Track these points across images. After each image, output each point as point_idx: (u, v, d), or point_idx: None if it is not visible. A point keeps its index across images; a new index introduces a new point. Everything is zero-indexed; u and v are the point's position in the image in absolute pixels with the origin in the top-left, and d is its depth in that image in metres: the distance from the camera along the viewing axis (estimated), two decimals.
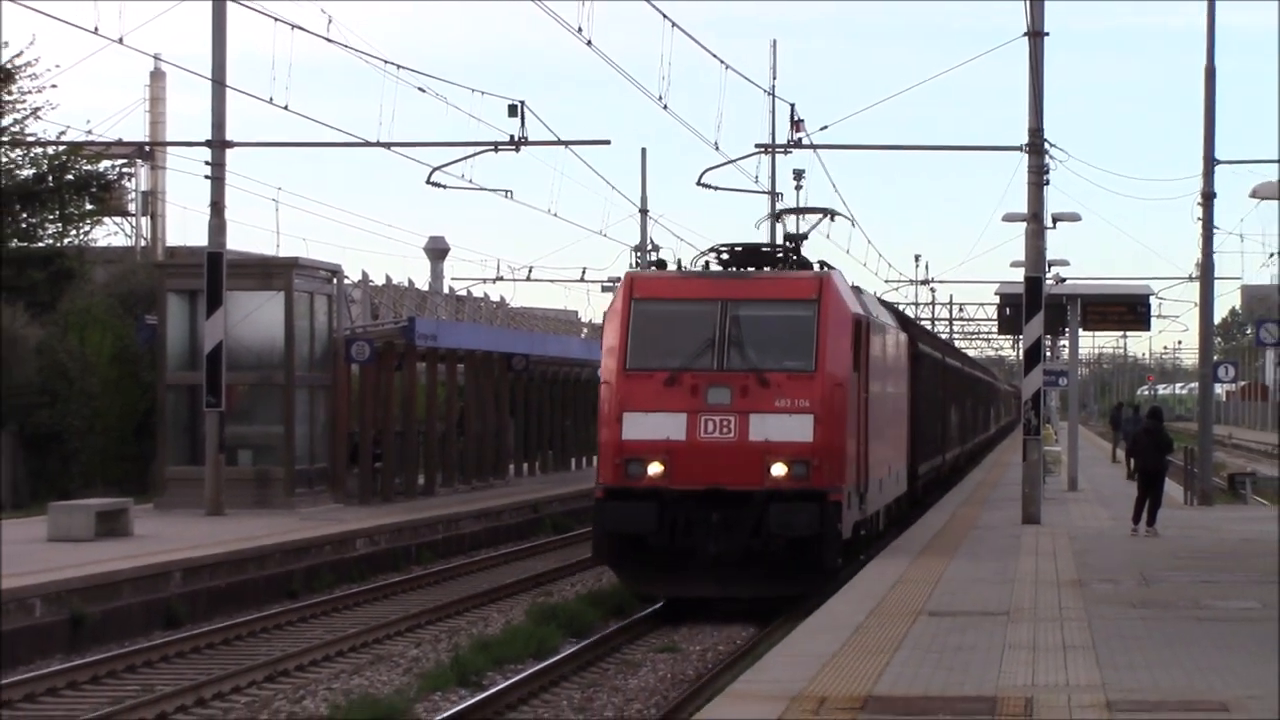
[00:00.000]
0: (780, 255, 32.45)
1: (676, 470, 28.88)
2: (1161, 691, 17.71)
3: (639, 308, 29.81)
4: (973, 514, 45.31)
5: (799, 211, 35.38)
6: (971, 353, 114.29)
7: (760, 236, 44.33)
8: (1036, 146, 41.31)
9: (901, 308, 71.77)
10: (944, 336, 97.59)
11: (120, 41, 37.01)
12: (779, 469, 28.69)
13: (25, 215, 61.73)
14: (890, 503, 39.31)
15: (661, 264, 31.72)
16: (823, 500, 28.69)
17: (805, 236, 34.78)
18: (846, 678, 18.46)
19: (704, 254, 32.34)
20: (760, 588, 29.35)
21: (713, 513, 28.61)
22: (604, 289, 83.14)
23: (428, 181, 42.98)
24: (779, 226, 34.47)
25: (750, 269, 31.62)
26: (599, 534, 29.86)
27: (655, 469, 28.91)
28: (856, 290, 34.86)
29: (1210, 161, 52.49)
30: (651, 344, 29.64)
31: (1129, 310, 61.58)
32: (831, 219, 37.90)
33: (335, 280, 47.45)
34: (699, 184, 36.45)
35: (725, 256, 31.61)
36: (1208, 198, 53.25)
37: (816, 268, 32.46)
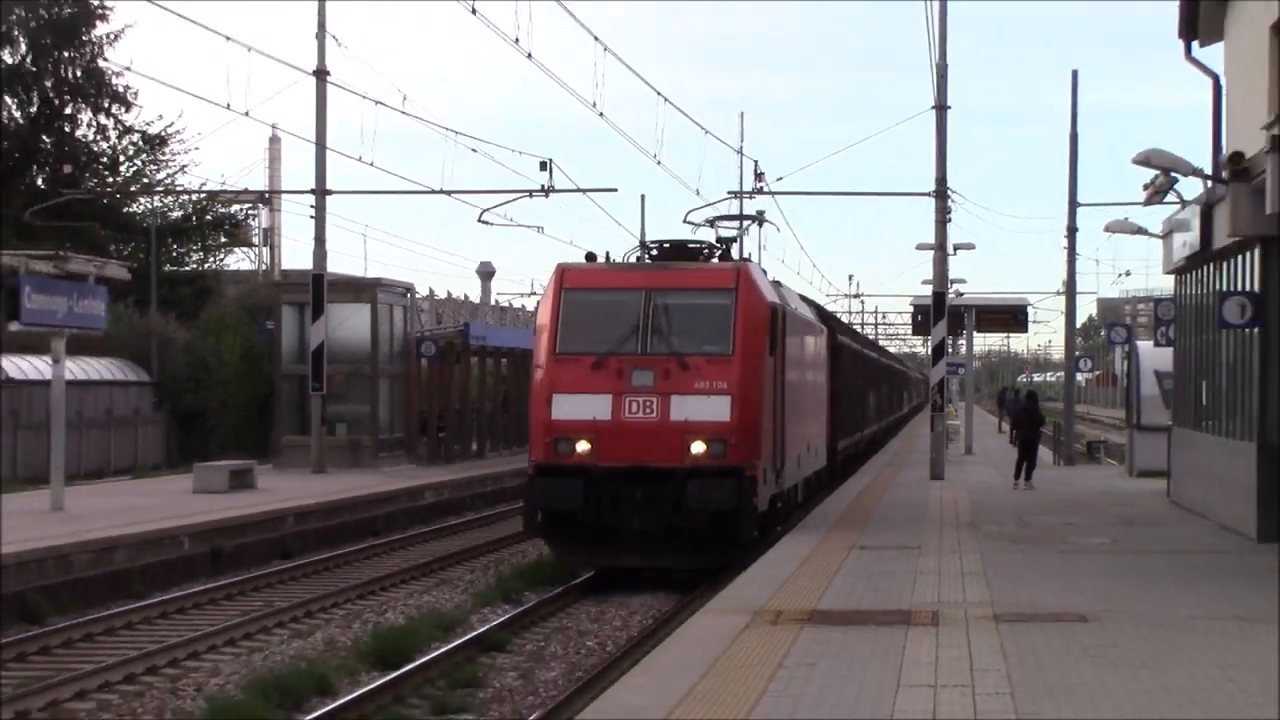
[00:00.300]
0: (703, 250, 27.33)
1: (602, 448, 24.11)
2: (1036, 606, 17.77)
3: (569, 296, 25.15)
4: (893, 473, 45.31)
5: (731, 218, 31.09)
6: (892, 349, 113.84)
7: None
8: (941, 193, 41.44)
9: (840, 315, 71.66)
10: (870, 336, 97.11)
11: (247, 114, 37.29)
12: (698, 447, 23.91)
13: (175, 246, 61.83)
14: (810, 475, 33.64)
15: (592, 257, 26.56)
16: (739, 476, 23.96)
17: (735, 239, 29.50)
18: (797, 596, 18.49)
19: (635, 249, 27.49)
20: (682, 560, 24.57)
21: (636, 489, 23.95)
22: None
23: (479, 220, 42.76)
24: (712, 231, 29.45)
25: (676, 262, 26.80)
26: (530, 509, 24.83)
27: (583, 447, 24.12)
28: (776, 285, 30.33)
29: (1073, 204, 52.66)
30: (580, 330, 24.89)
31: (1011, 317, 62.04)
32: (760, 225, 34.42)
33: (409, 295, 47.55)
34: (684, 222, 35.79)
35: (654, 252, 27.06)
36: (1071, 232, 53.40)
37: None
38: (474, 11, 26.82)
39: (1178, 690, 13.03)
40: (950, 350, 45.76)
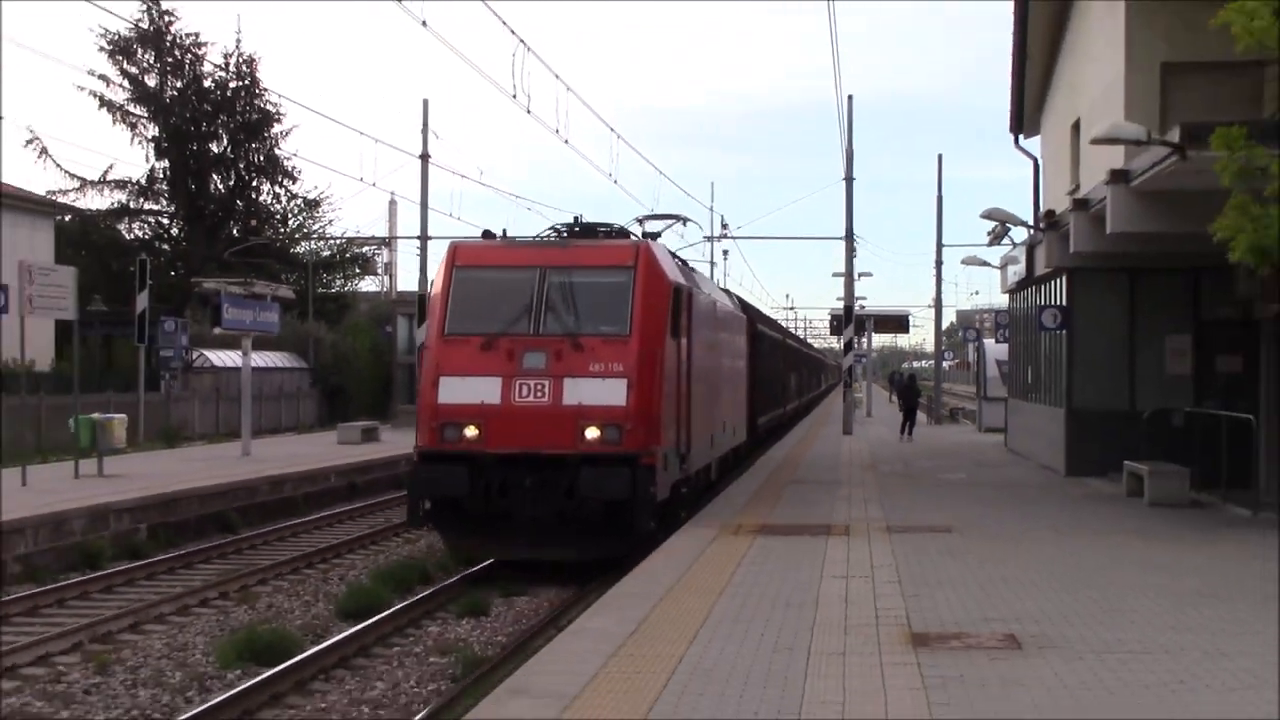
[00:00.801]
0: (609, 231, 19.06)
1: (491, 434, 16.49)
2: (915, 521, 17.76)
3: (459, 275, 17.41)
4: (816, 430, 45.27)
5: (658, 217, 22.51)
6: (817, 344, 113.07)
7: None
8: (849, 237, 41.79)
9: (784, 323, 71.28)
10: (800, 334, 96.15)
11: (374, 185, 37.49)
12: (592, 433, 16.37)
13: (325, 275, 61.77)
14: (727, 453, 24.94)
15: (489, 234, 19.02)
16: (635, 464, 16.34)
17: (659, 234, 21.37)
18: (752, 515, 18.44)
19: (547, 231, 19.30)
20: (576, 550, 16.83)
21: (527, 476, 16.44)
22: None
23: None
24: (640, 227, 21.31)
25: (575, 240, 18.57)
26: (414, 499, 16.94)
27: (471, 432, 16.51)
28: (687, 268, 21.71)
29: (939, 245, 52.64)
30: (470, 310, 17.17)
31: (898, 323, 62.06)
32: (685, 224, 23.82)
33: None
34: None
35: (565, 234, 18.89)
36: (938, 264, 53.31)
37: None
38: (529, 111, 26.70)
39: (1012, 578, 13.03)
40: (856, 345, 45.73)
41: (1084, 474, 24.28)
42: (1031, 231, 27.65)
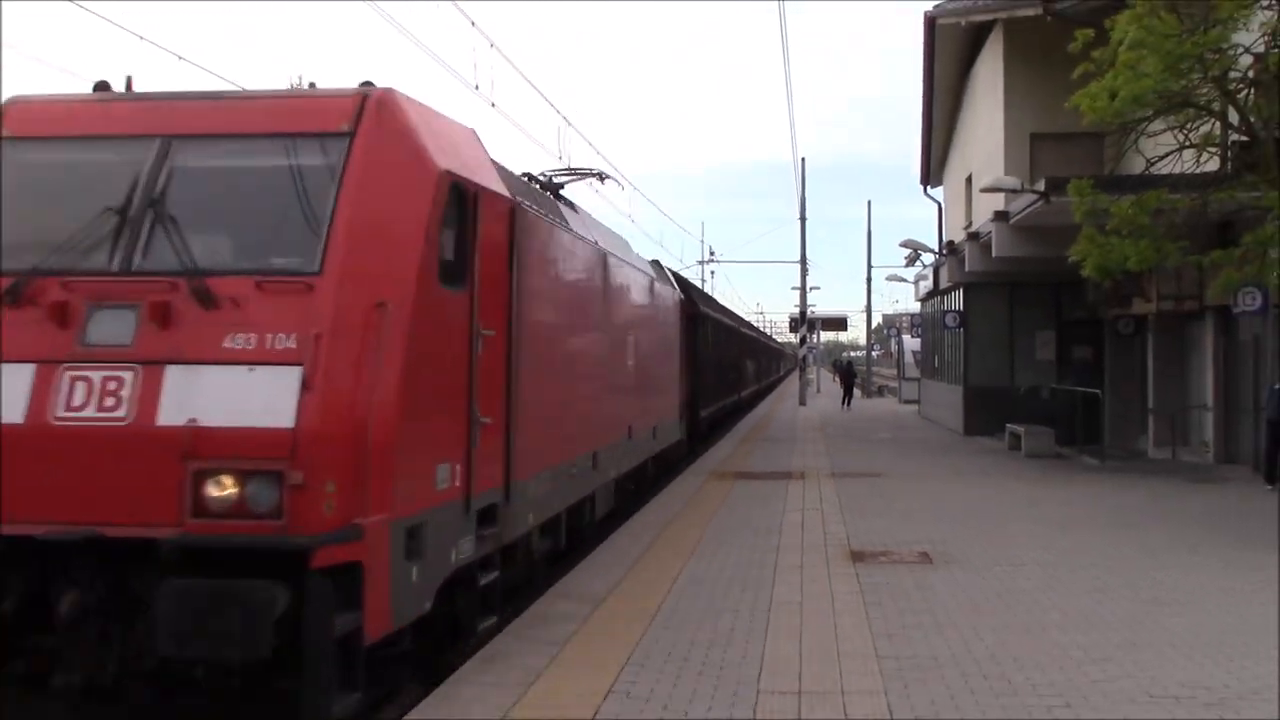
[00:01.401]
0: None
1: (4, 491, 3.20)
2: (854, 468, 17.64)
3: (10, 155, 3.87)
4: (779, 404, 45.19)
5: (571, 171, 11.30)
6: (780, 339, 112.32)
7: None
8: (803, 260, 41.97)
9: (757, 325, 70.59)
10: (767, 332, 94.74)
11: None
12: (219, 490, 3.13)
13: None
14: (644, 461, 13.59)
15: (104, 86, 4.07)
16: (299, 566, 3.05)
17: (563, 186, 10.02)
18: (732, 465, 18.37)
19: None
20: None
21: (67, 590, 3.11)
22: None
23: None
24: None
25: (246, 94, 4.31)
26: None
27: None
28: (533, 184, 7.78)
29: (869, 265, 52.70)
30: (8, 224, 3.49)
31: (839, 323, 61.84)
32: (602, 180, 11.92)
33: None
34: None
35: None
36: (869, 280, 53.36)
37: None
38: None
39: (925, 511, 12.98)
40: (808, 340, 45.82)
41: (977, 434, 24.26)
42: (937, 256, 27.70)
